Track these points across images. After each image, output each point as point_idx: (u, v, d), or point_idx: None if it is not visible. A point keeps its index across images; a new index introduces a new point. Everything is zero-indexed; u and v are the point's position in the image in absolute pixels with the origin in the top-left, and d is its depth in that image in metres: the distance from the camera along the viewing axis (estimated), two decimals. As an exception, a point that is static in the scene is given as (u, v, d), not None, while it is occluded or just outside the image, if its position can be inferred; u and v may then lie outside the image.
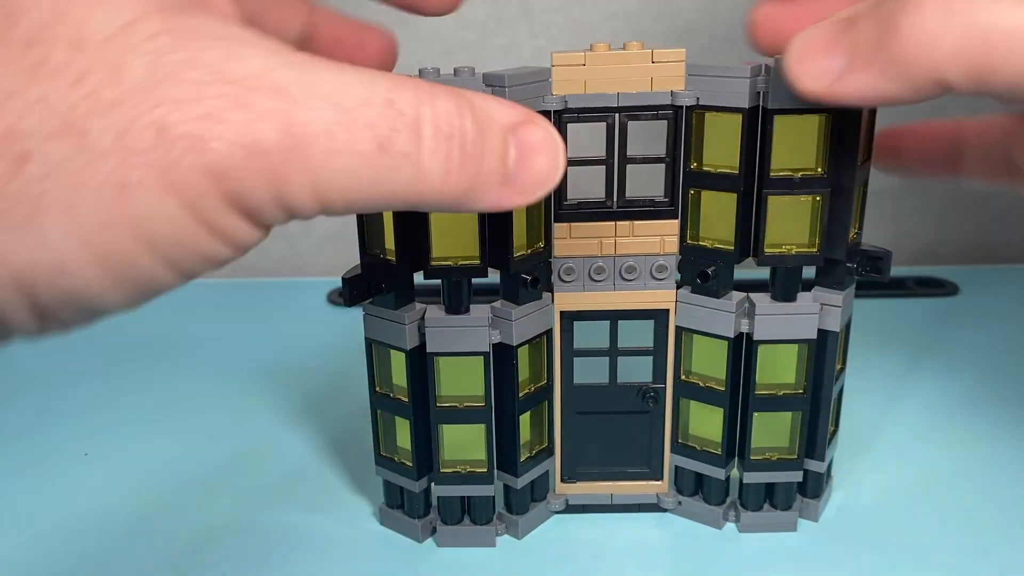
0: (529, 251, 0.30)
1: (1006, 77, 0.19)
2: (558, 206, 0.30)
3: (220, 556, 0.33)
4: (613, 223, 0.30)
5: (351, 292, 0.29)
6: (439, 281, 0.30)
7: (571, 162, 0.30)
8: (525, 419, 0.32)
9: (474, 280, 0.30)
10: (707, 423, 0.32)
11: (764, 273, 0.31)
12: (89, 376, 0.49)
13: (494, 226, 0.29)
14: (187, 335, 0.54)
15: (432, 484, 0.33)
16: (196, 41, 0.17)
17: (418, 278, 0.30)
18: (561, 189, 0.30)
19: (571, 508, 0.34)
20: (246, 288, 0.62)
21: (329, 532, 0.34)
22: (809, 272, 0.31)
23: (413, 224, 0.29)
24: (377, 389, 0.32)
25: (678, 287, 0.31)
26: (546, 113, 0.29)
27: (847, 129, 0.28)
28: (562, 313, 0.32)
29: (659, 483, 0.34)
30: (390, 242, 0.29)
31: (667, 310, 0.32)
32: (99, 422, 0.43)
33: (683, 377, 0.32)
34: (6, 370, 0.50)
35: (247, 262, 0.64)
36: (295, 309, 0.57)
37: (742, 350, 0.31)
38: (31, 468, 0.39)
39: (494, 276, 0.31)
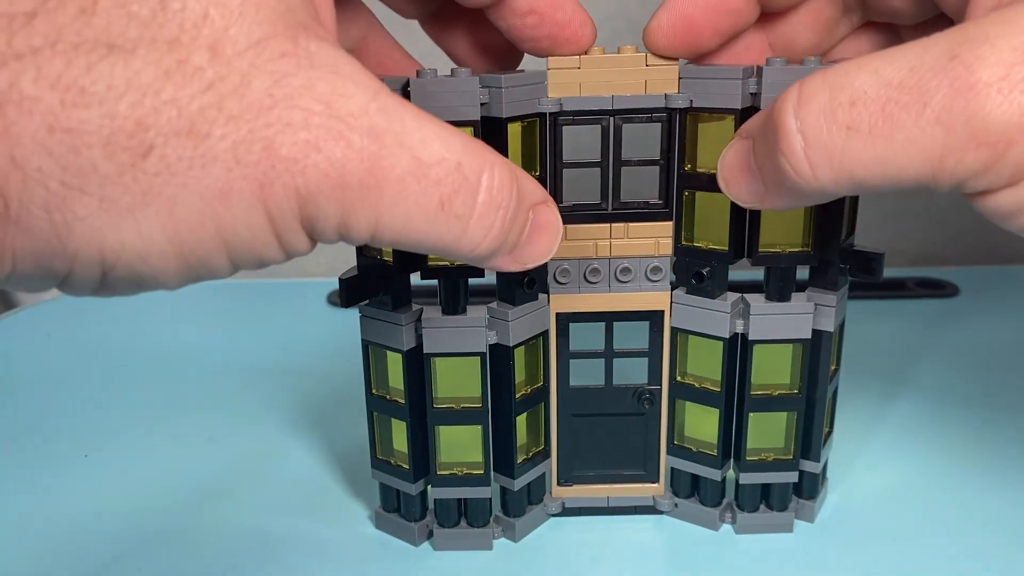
0: (525, 252, 0.30)
1: (880, 187, 0.21)
2: (554, 208, 0.30)
3: (217, 559, 0.32)
4: (608, 225, 0.31)
5: (348, 294, 0.29)
6: (433, 283, 0.30)
7: (567, 164, 0.30)
8: (521, 421, 0.32)
9: (469, 282, 0.30)
10: (703, 424, 0.33)
11: (756, 275, 0.31)
12: (89, 377, 0.49)
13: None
14: (187, 336, 0.54)
15: (429, 487, 0.33)
16: (312, 70, 0.19)
17: (414, 279, 0.30)
18: (557, 192, 0.30)
19: (567, 511, 0.34)
20: (246, 288, 0.62)
21: (324, 536, 0.34)
22: (802, 274, 0.31)
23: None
24: (373, 391, 0.32)
25: (673, 289, 0.32)
26: (542, 115, 0.29)
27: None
28: (558, 315, 0.32)
29: (655, 485, 0.34)
30: (387, 244, 0.29)
31: (662, 311, 0.32)
32: (99, 423, 0.43)
33: (678, 378, 0.32)
34: (6, 370, 0.50)
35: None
36: (295, 309, 0.58)
37: (737, 351, 0.31)
38: (31, 469, 0.39)
39: (488, 278, 0.31)
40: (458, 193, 0.21)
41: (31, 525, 0.35)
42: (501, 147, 0.28)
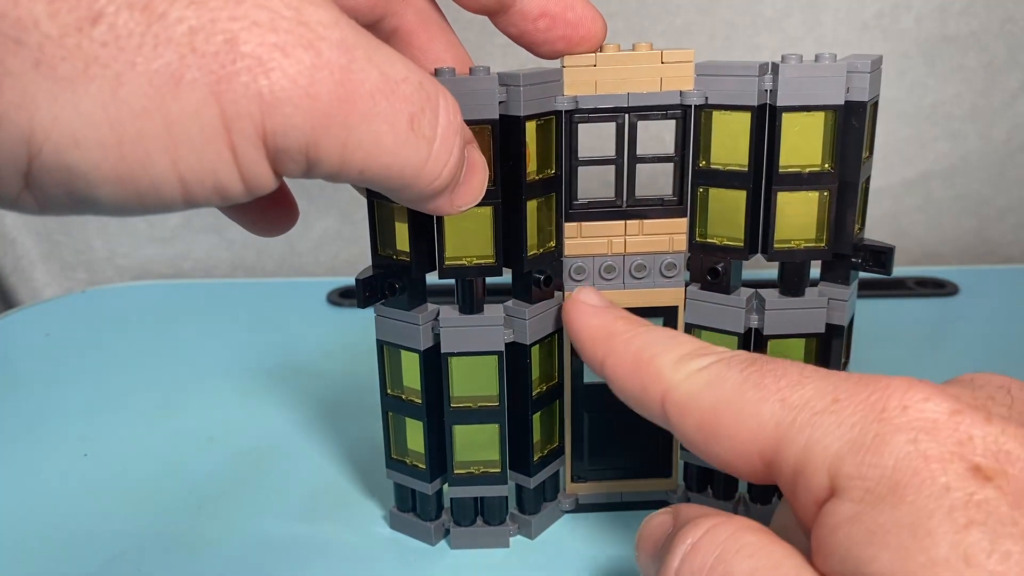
0: (541, 250, 0.30)
1: None
2: (568, 206, 0.30)
3: (221, 560, 0.32)
4: (623, 222, 0.31)
5: (365, 293, 0.29)
6: (445, 282, 0.30)
7: (581, 162, 0.30)
8: (536, 418, 0.32)
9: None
10: (716, 419, 0.33)
11: (765, 274, 0.31)
12: (89, 376, 0.48)
13: (508, 225, 0.29)
14: (187, 335, 0.54)
15: (445, 486, 0.33)
16: None
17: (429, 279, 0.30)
18: (571, 189, 0.30)
19: (581, 507, 0.34)
20: (246, 288, 0.62)
21: (336, 536, 0.33)
22: (813, 269, 0.31)
23: (427, 224, 0.29)
24: (389, 391, 0.32)
25: (687, 285, 0.32)
26: (558, 113, 0.29)
27: (854, 124, 0.28)
28: (573, 312, 0.32)
29: (668, 480, 0.34)
30: (402, 243, 0.29)
31: (676, 307, 0.32)
32: (99, 422, 0.43)
33: (692, 374, 0.33)
34: (6, 370, 0.50)
35: (247, 262, 0.65)
36: (295, 309, 0.58)
37: (751, 346, 0.32)
38: (31, 468, 0.39)
39: (499, 278, 0.31)
40: (424, 112, 0.20)
41: (31, 524, 0.35)
42: (519, 145, 0.28)
